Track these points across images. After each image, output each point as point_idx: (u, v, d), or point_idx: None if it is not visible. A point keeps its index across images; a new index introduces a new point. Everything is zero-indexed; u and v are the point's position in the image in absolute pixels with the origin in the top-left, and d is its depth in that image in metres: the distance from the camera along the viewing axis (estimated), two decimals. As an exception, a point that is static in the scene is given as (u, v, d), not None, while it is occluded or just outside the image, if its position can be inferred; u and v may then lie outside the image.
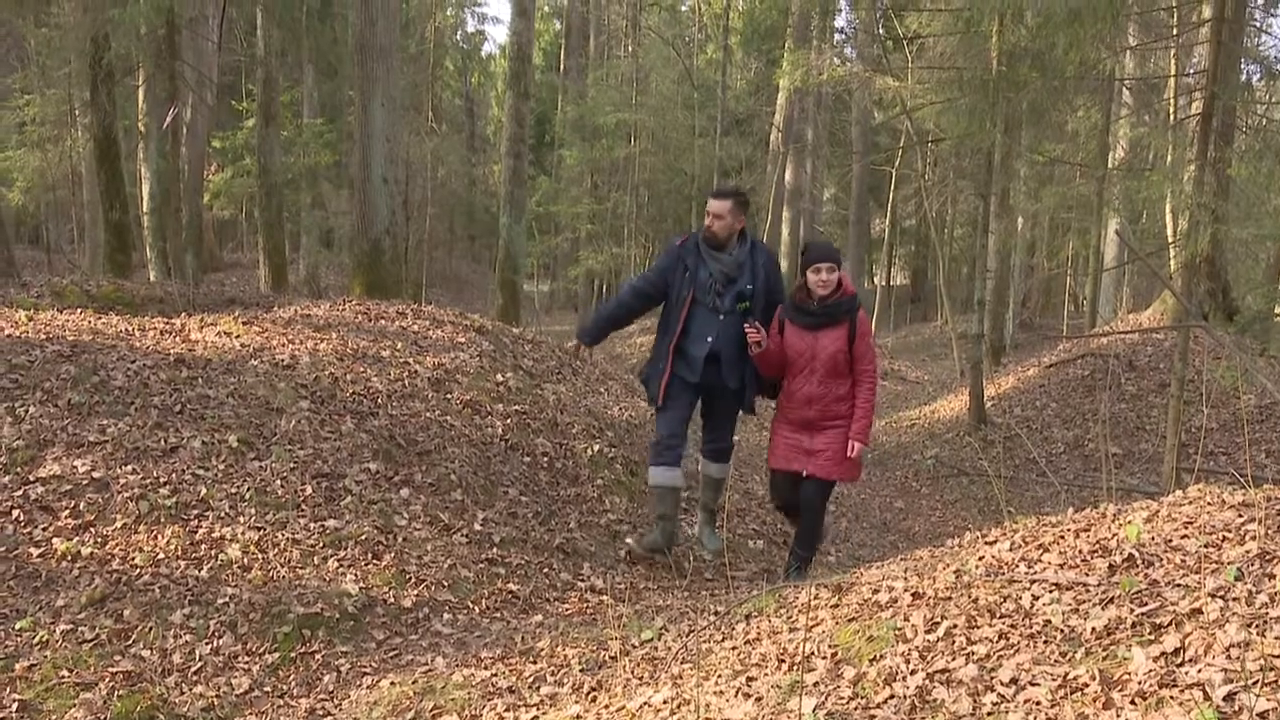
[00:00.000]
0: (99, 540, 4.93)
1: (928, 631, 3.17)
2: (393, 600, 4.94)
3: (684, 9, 36.95)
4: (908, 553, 5.72)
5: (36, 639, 4.31)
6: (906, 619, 3.31)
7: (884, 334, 26.71)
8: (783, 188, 25.27)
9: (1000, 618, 3.07)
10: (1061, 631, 2.87)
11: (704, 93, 27.71)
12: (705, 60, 32.36)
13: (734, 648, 3.85)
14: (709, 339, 5.57)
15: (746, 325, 5.45)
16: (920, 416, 13.91)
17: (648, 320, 7.61)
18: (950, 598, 3.35)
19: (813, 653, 3.40)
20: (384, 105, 11.56)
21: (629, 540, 6.13)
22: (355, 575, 5.03)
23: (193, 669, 4.32)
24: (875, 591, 3.73)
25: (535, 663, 4.39)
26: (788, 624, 3.83)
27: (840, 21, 27.37)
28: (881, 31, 18.72)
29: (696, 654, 3.93)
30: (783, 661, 3.44)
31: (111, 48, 14.21)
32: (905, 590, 3.58)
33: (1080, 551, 3.31)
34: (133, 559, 4.84)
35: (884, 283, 29.31)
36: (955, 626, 3.12)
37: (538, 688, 4.07)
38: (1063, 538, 3.53)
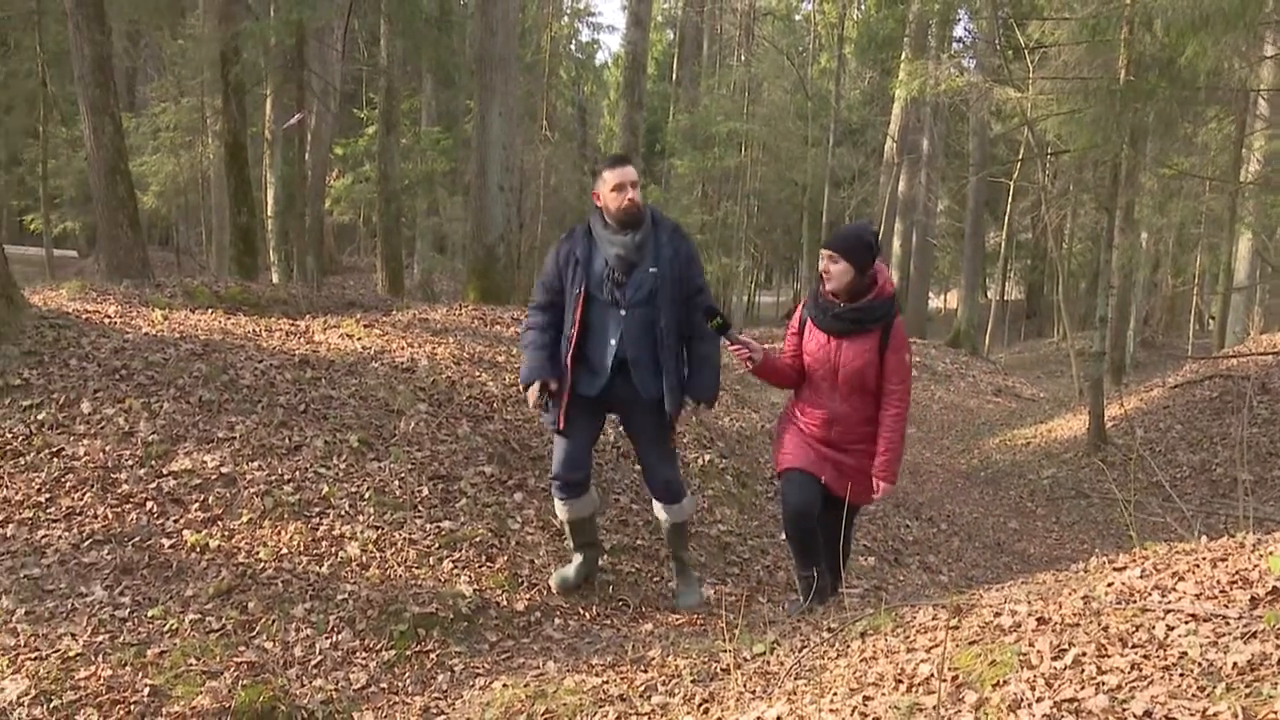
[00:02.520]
0: (226, 534, 5.09)
1: (1054, 658, 3.08)
2: (506, 603, 5.00)
3: (798, 18, 36.76)
4: (1026, 575, 5.58)
5: (167, 627, 4.47)
6: (1031, 644, 3.22)
7: (998, 349, 26.14)
8: (896, 199, 24.95)
9: (1132, 647, 2.97)
10: (1199, 665, 2.76)
11: (817, 102, 27.52)
12: (819, 70, 32.12)
13: (849, 665, 3.79)
14: (612, 341, 4.67)
15: (729, 344, 4.53)
16: (1036, 435, 13.57)
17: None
18: (1078, 624, 3.25)
19: (932, 674, 3.33)
20: (501, 114, 11.75)
21: (552, 582, 5.22)
22: (469, 577, 5.10)
23: (312, 662, 4.42)
24: (997, 614, 3.64)
25: (646, 671, 4.39)
26: (905, 643, 3.76)
27: (959, 31, 26.93)
28: (1002, 41, 18.34)
29: (811, 670, 3.89)
30: (900, 682, 3.38)
31: (242, 58, 14.70)
32: (1029, 614, 3.49)
33: (1218, 582, 3.18)
34: (257, 553, 4.99)
35: (998, 297, 28.69)
36: (1084, 654, 3.03)
37: (649, 697, 4.07)
38: (1198, 566, 3.40)
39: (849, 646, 4.07)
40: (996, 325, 27.41)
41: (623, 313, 4.65)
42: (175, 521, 5.14)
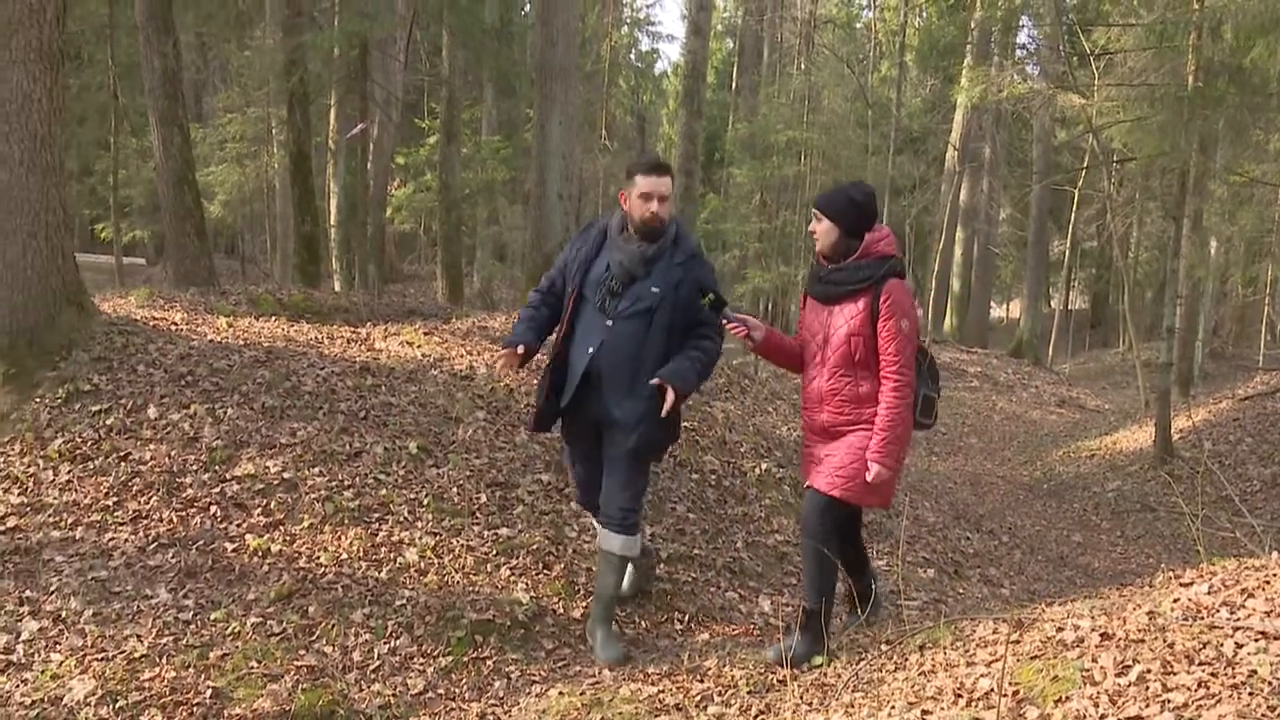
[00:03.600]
0: (287, 538, 5.16)
1: (1118, 675, 3.02)
2: (562, 611, 5.01)
3: (858, 26, 36.56)
4: (1090, 590, 5.48)
5: (229, 630, 4.53)
6: (1095, 660, 3.16)
7: (1061, 360, 25.74)
8: (957, 208, 24.69)
9: (1200, 665, 2.90)
10: (1270, 684, 2.69)
11: (878, 110, 27.30)
12: (879, 77, 31.90)
13: (907, 679, 3.74)
14: (589, 349, 4.30)
15: (726, 323, 4.27)
16: (1100, 447, 13.33)
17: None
18: (1143, 640, 3.18)
19: (992, 689, 3.28)
20: (561, 123, 11.80)
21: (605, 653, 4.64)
22: (526, 584, 5.12)
23: (371, 667, 4.46)
24: (1059, 629, 3.57)
25: (702, 681, 4.37)
26: (964, 657, 3.71)
27: (1022, 37, 26.58)
28: (1066, 47, 18.09)
29: (868, 683, 3.84)
30: (960, 696, 3.33)
31: (306, 69, 14.93)
32: (1093, 630, 3.42)
33: (1290, 599, 3.10)
34: (318, 558, 5.05)
35: (1062, 307, 28.27)
36: (1149, 671, 2.96)
37: (705, 707, 4.05)
38: (1268, 583, 3.31)
39: (907, 659, 4.02)
40: (1060, 335, 26.99)
41: (609, 323, 4.27)
42: (238, 526, 5.21)
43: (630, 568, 4.98)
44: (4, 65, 5.82)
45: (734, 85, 33.83)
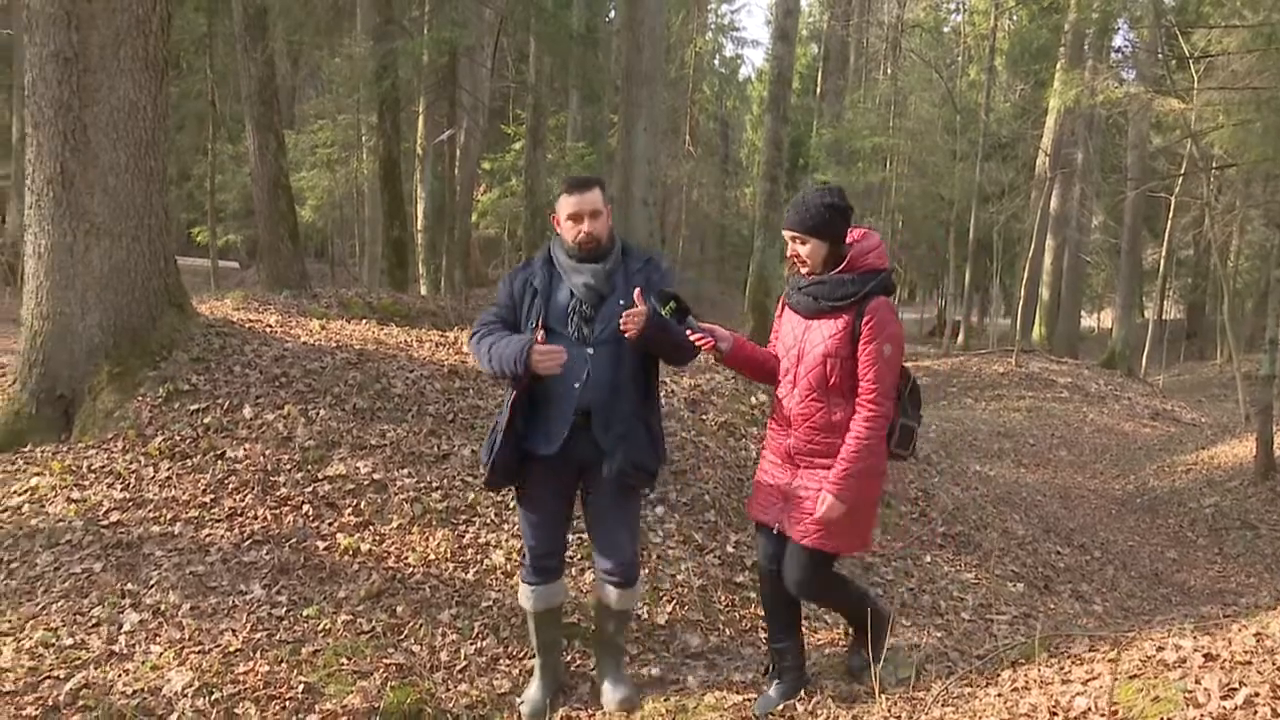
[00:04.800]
0: (377, 538, 5.24)
1: (1224, 698, 2.92)
2: (647, 616, 5.00)
3: (946, 30, 36.08)
4: (1189, 609, 5.33)
5: (320, 626, 4.61)
6: (1198, 681, 3.07)
7: (1155, 371, 25.08)
8: (1047, 214, 24.21)
9: (1313, 690, 2.80)
10: (1389, 711, 2.58)
11: (966, 115, 26.92)
12: (968, 82, 31.46)
13: (999, 695, 3.68)
14: (575, 385, 3.87)
15: (690, 333, 3.86)
16: (1197, 461, 12.94)
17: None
18: (1250, 662, 3.08)
19: (1090, 708, 3.20)
20: (646, 129, 11.84)
21: (523, 710, 4.28)
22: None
23: (458, 667, 4.50)
24: (1160, 649, 3.48)
25: (787, 691, 4.34)
26: (1059, 675, 3.63)
27: (1118, 40, 25.98)
28: (1165, 50, 17.63)
29: (958, 698, 3.78)
30: (1055, 714, 3.26)
31: (396, 76, 15.17)
32: (1195, 650, 3.32)
33: None
34: (406, 558, 5.11)
35: (1156, 317, 27.55)
36: (1257, 695, 2.86)
37: (791, 717, 4.02)
38: (1385, 606, 3.18)
39: (999, 675, 3.95)
40: (1154, 346, 26.28)
41: (590, 351, 3.88)
42: (329, 525, 5.31)
43: (540, 665, 4.34)
44: (112, 74, 6.01)
45: (819, 91, 33.61)
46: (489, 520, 5.48)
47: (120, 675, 4.20)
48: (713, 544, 5.77)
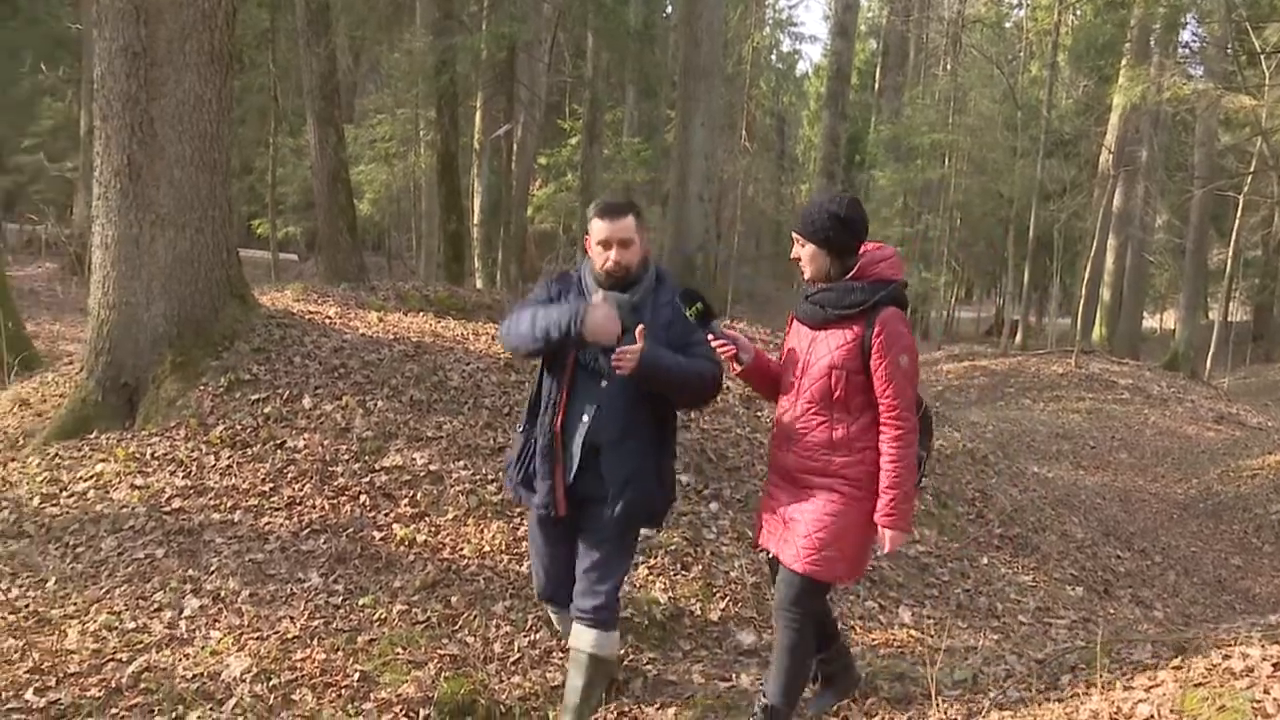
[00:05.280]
0: (433, 529, 5.27)
1: (1294, 708, 2.86)
2: (699, 612, 5.00)
3: (1008, 25, 35.59)
4: (1255, 617, 5.20)
5: (376, 616, 4.65)
6: (1267, 692, 3.00)
7: (1219, 373, 24.58)
8: (1110, 213, 23.81)
9: (1387, 702, 2.72)
10: None
11: (1027, 112, 26.54)
12: (1029, 78, 31.00)
13: (1059, 699, 3.62)
14: (585, 418, 3.69)
15: (713, 339, 3.65)
16: (1263, 467, 12.66)
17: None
18: (1321, 673, 3.00)
19: (1152, 715, 3.14)
20: (703, 124, 11.81)
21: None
22: (664, 584, 5.12)
23: (511, 659, 4.52)
24: (1226, 657, 3.40)
25: (841, 691, 4.31)
26: (1121, 681, 3.56)
27: (1185, 35, 25.46)
28: (1235, 45, 17.23)
29: (1016, 702, 3.73)
30: (1117, 721, 3.21)
31: (455, 71, 15.27)
32: (1264, 659, 3.25)
33: None
34: (461, 549, 5.14)
35: (1221, 318, 27.00)
36: (1329, 706, 2.79)
37: (844, 716, 3.99)
38: None
39: (1058, 680, 3.90)
40: (1219, 348, 25.74)
41: (603, 384, 3.65)
42: (386, 515, 5.36)
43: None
44: (178, 68, 6.11)
45: (877, 87, 33.37)
46: (543, 513, 5.49)
47: (181, 659, 4.27)
48: None
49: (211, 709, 3.96)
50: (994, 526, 6.97)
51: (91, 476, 5.63)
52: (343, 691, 4.13)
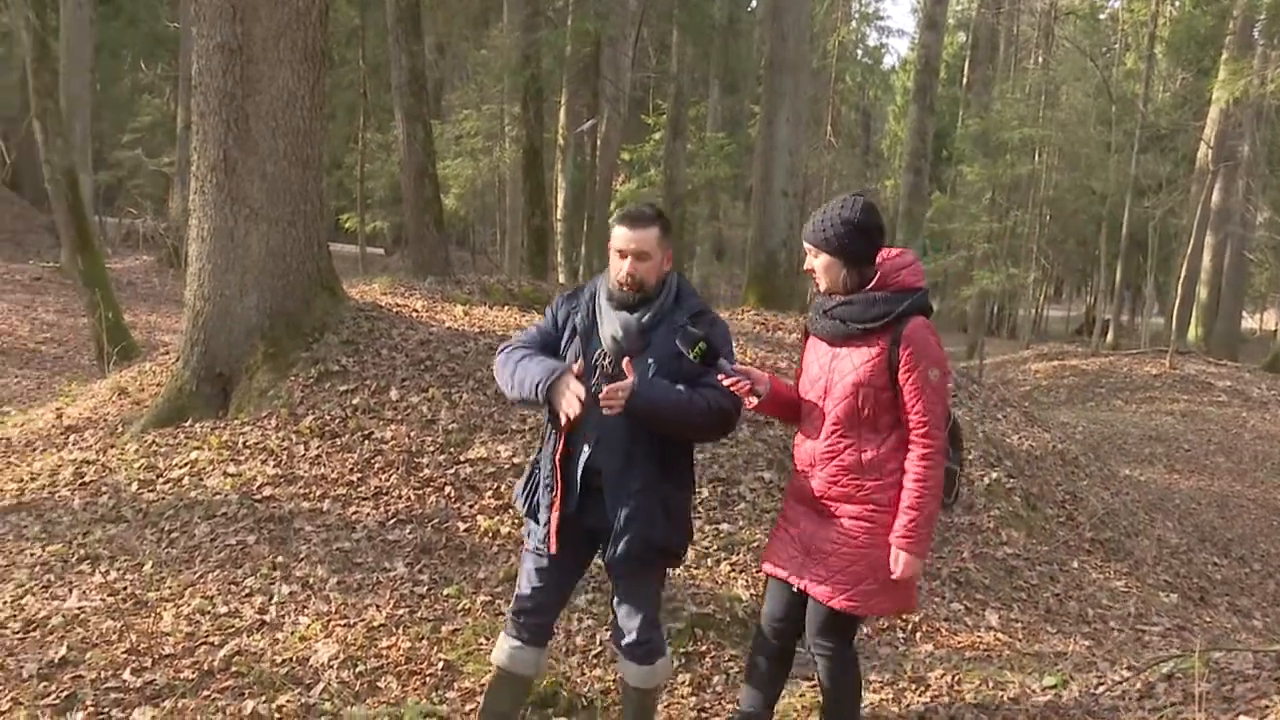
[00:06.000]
0: (516, 521, 5.31)
1: (1407, 725, 2.74)
2: (781, 611, 4.95)
3: (1103, 17, 34.77)
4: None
5: (460, 606, 4.70)
6: (1378, 707, 2.88)
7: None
8: (1208, 210, 23.12)
9: None
10: None
11: (1121, 106, 25.89)
12: (1124, 71, 30.24)
13: (1154, 709, 3.52)
14: (585, 446, 3.44)
15: (722, 378, 3.33)
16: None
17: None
18: None
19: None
20: (789, 119, 11.71)
21: None
22: (746, 581, 5.09)
23: (593, 652, 4.53)
24: (1333, 670, 3.28)
25: (925, 694, 4.25)
26: (1220, 692, 3.45)
27: (1291, 26, 24.59)
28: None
29: (1109, 710, 3.63)
30: (1216, 734, 3.11)
31: (540, 66, 15.37)
32: (1375, 673, 3.12)
33: None
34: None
35: (1324, 318, 26.08)
36: None
37: (929, 720, 3.93)
38: None
39: (1153, 688, 3.79)
40: (1320, 350, 24.91)
41: (604, 411, 3.30)
42: (470, 507, 5.41)
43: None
44: (273, 65, 6.23)
45: (965, 80, 32.80)
46: (625, 508, 5.50)
47: (270, 644, 4.36)
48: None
49: (300, 693, 4.04)
50: (1084, 530, 6.82)
51: (186, 464, 5.78)
52: (427, 680, 4.19)
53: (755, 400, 3.40)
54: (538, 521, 3.55)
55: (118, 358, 10.07)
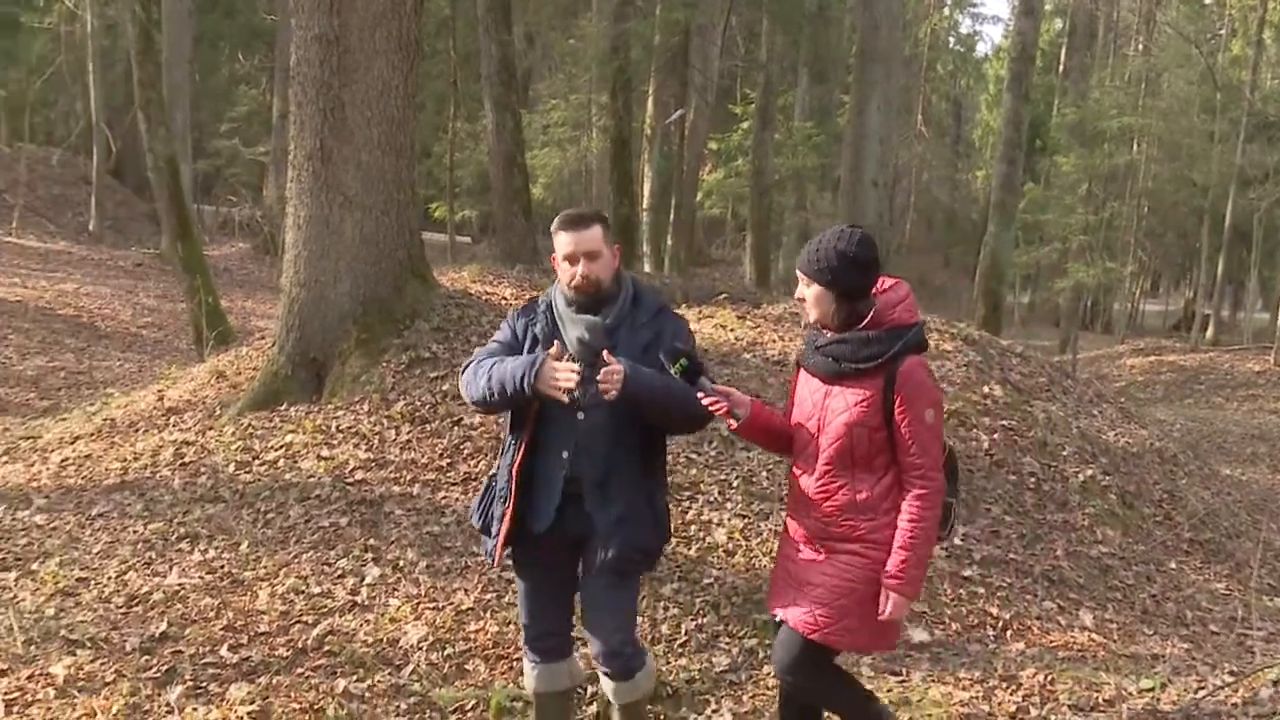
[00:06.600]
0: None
1: None
2: (869, 605, 4.90)
3: (1208, 1, 33.67)
4: None
5: (546, 592, 4.73)
6: None
7: None
8: (1317, 202, 22.29)
9: None
10: None
11: (1227, 94, 25.07)
12: (1230, 58, 29.26)
13: (1259, 716, 3.41)
14: (564, 454, 3.36)
15: (702, 396, 3.22)
16: None
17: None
18: None
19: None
20: (880, 109, 11.56)
21: None
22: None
23: (678, 641, 4.54)
24: None
25: (1016, 693, 4.17)
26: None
27: None
28: None
29: (1211, 715, 3.53)
30: (1326, 744, 3.00)
31: (629, 56, 15.38)
32: None
33: None
34: (630, 531, 5.17)
35: None
36: None
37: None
38: None
39: (1257, 694, 3.68)
40: None
41: (580, 416, 3.31)
42: (558, 494, 5.43)
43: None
44: (369, 55, 6.32)
45: (1061, 68, 32.07)
46: (713, 498, 5.49)
47: (362, 625, 4.45)
48: (939, 533, 5.58)
49: (390, 674, 4.11)
50: (1183, 530, 6.62)
51: (281, 446, 5.91)
52: (513, 664, 4.23)
53: (734, 422, 3.28)
54: (490, 535, 3.51)
55: (215, 342, 10.34)
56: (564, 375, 3.15)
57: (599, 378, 3.16)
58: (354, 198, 6.39)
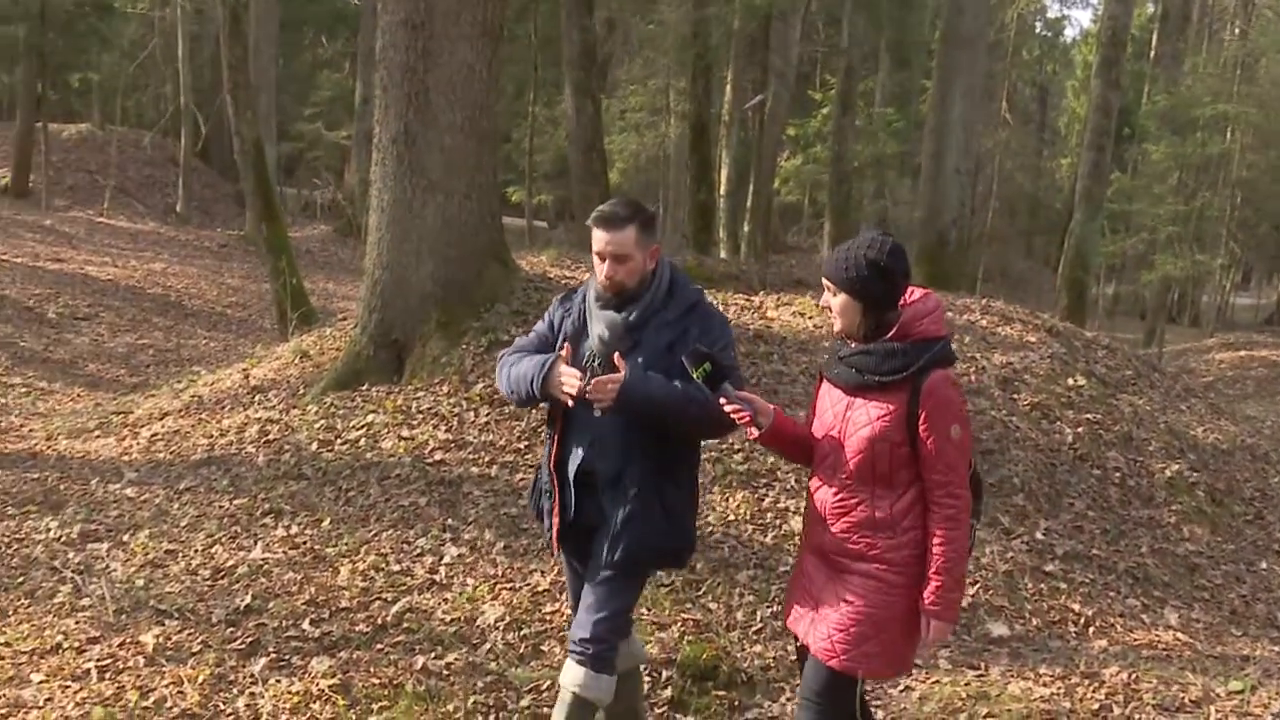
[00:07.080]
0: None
1: None
2: (947, 598, 4.84)
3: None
4: None
5: (622, 577, 4.75)
6: None
7: None
8: None
9: None
10: None
11: (1327, 80, 24.19)
12: (1332, 43, 28.20)
13: (1356, 724, 3.31)
14: (578, 449, 3.36)
15: (724, 402, 3.08)
16: None
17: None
18: None
19: None
20: (964, 95, 11.39)
21: None
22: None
23: (753, 628, 4.53)
24: None
25: (1099, 690, 4.09)
26: None
27: None
28: None
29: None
30: None
31: (709, 41, 15.31)
32: None
33: None
34: (706, 517, 5.18)
35: None
36: None
37: (1104, 717, 3.79)
38: None
39: (1356, 702, 3.56)
40: None
41: (596, 413, 3.23)
42: (633, 478, 5.45)
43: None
44: (453, 40, 6.36)
45: (1152, 54, 31.19)
46: (789, 486, 5.47)
47: (440, 603, 4.51)
48: (1020, 529, 5.51)
49: (467, 652, 4.16)
50: (1275, 530, 6.44)
51: (363, 426, 6.00)
52: (589, 648, 4.24)
53: (756, 431, 3.15)
54: (545, 525, 3.52)
55: (298, 322, 10.52)
56: (567, 380, 3.14)
57: (589, 388, 3.12)
58: (436, 181, 6.44)
